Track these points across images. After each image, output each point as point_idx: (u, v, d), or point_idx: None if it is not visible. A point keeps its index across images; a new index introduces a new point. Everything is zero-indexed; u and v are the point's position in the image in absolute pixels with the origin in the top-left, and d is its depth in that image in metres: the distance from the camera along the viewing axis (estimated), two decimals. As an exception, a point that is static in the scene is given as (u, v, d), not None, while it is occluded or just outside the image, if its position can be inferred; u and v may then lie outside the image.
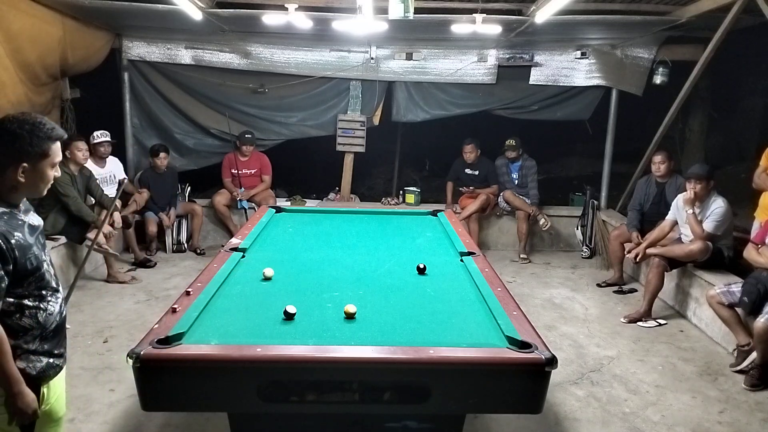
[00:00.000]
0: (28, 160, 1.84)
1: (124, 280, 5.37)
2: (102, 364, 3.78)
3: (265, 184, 6.77)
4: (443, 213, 4.61)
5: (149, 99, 6.80)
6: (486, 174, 6.71)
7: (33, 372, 1.90)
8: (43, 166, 1.88)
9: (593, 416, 3.34)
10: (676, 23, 5.46)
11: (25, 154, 1.84)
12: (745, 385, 3.70)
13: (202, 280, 2.86)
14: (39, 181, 1.91)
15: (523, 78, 6.86)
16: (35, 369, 1.90)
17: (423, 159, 9.33)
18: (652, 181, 5.46)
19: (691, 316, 4.78)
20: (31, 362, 1.90)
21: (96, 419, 3.17)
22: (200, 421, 3.09)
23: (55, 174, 1.95)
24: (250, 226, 4.09)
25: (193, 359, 2.12)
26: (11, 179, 1.84)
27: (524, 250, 6.55)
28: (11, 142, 1.82)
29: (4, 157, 1.83)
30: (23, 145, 1.83)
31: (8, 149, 1.83)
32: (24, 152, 1.83)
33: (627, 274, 5.82)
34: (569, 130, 7.92)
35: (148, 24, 6.12)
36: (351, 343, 2.28)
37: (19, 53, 4.79)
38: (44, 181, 1.92)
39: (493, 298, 2.73)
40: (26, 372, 1.88)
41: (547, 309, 5.04)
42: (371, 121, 7.04)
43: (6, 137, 1.83)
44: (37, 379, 1.91)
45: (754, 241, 4.04)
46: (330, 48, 6.71)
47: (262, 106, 6.95)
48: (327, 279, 2.95)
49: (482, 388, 2.20)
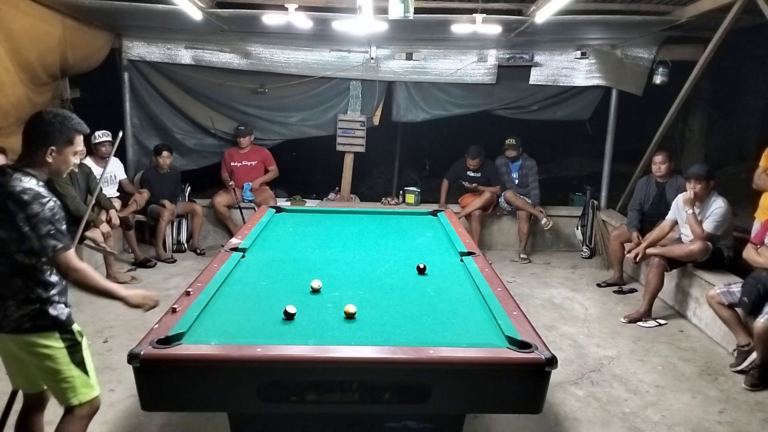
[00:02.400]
0: (55, 144, 2.26)
1: (124, 281, 5.37)
2: (102, 364, 3.78)
3: (272, 174, 6.83)
4: (443, 213, 4.61)
5: (149, 99, 6.80)
6: (488, 176, 6.71)
7: (63, 317, 2.29)
8: (66, 152, 2.30)
9: (593, 416, 3.34)
10: (676, 23, 5.46)
11: (54, 139, 2.25)
12: (745, 385, 3.70)
13: (202, 280, 2.87)
14: (62, 164, 2.30)
15: (523, 78, 6.86)
16: (64, 315, 2.30)
17: (423, 159, 9.33)
18: (652, 181, 5.46)
19: (691, 316, 4.78)
20: (61, 311, 2.28)
21: (96, 419, 3.14)
22: (200, 421, 3.08)
23: (75, 161, 2.35)
24: (250, 226, 4.09)
25: (193, 359, 2.12)
26: (41, 159, 2.25)
27: (524, 250, 6.55)
28: (45, 129, 2.25)
29: (38, 139, 2.25)
30: (53, 131, 2.25)
31: (42, 134, 2.25)
32: (53, 138, 2.25)
33: (627, 274, 5.82)
34: (569, 130, 7.92)
35: (148, 24, 6.12)
36: (351, 343, 2.28)
37: (19, 53, 4.79)
38: (66, 164, 2.32)
39: (493, 298, 2.73)
40: (59, 318, 2.26)
41: (547, 309, 5.04)
42: (371, 121, 7.04)
43: (42, 124, 2.26)
44: (67, 324, 2.30)
45: (753, 242, 4.04)
46: (330, 48, 6.71)
47: (262, 106, 6.95)
48: (327, 279, 2.95)
49: (482, 388, 2.20)
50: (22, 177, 2.18)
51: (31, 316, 2.21)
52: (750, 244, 4.05)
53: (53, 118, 2.27)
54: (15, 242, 2.15)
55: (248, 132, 6.72)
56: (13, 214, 2.12)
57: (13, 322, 2.21)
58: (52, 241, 2.15)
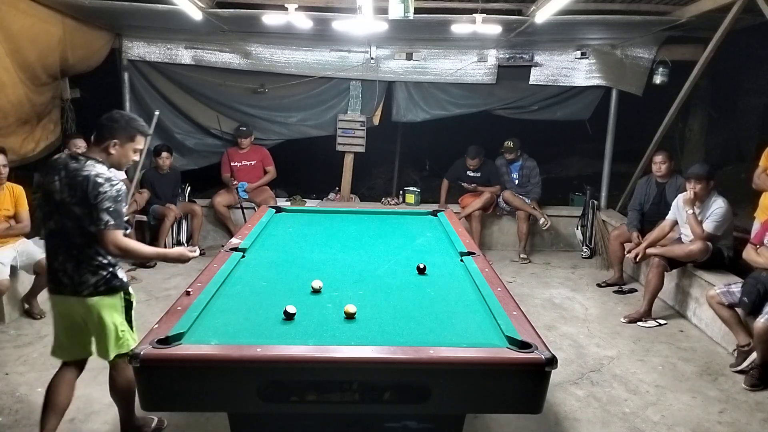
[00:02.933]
0: (119, 139, 2.67)
1: (125, 280, 5.36)
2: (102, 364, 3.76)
3: (270, 175, 6.83)
4: (443, 213, 4.60)
5: (149, 99, 6.79)
6: (488, 175, 6.71)
7: (124, 281, 2.76)
8: (127, 148, 2.71)
9: (593, 416, 3.34)
10: (676, 23, 5.46)
11: (118, 134, 2.67)
12: (745, 385, 3.70)
13: (202, 280, 2.86)
14: (122, 157, 2.71)
15: (523, 78, 6.85)
16: (124, 280, 2.76)
17: (423, 159, 9.32)
18: (653, 181, 5.46)
19: (691, 316, 4.78)
20: (123, 275, 2.75)
21: (96, 419, 3.17)
22: (200, 421, 3.09)
23: (134, 158, 2.76)
24: (250, 226, 4.08)
25: (193, 359, 2.12)
26: (106, 150, 2.67)
27: (524, 250, 6.55)
28: (112, 124, 2.68)
29: (106, 132, 2.67)
30: (119, 128, 2.68)
31: (109, 128, 2.67)
32: (118, 133, 2.67)
33: (627, 274, 5.82)
34: (569, 130, 7.91)
35: (148, 24, 6.12)
36: (351, 343, 2.28)
37: (19, 53, 4.79)
38: (126, 158, 2.73)
39: (493, 298, 2.73)
40: (124, 282, 2.75)
41: (547, 309, 5.04)
42: (371, 121, 7.04)
43: (110, 120, 2.69)
44: (127, 286, 2.78)
45: (752, 242, 4.04)
46: (330, 48, 6.71)
47: (262, 106, 6.95)
48: (327, 279, 2.94)
49: (482, 388, 2.20)
50: (95, 163, 2.61)
51: (105, 280, 2.67)
52: (749, 245, 4.05)
53: (121, 117, 2.73)
54: (88, 217, 2.55)
55: (249, 133, 6.73)
56: (87, 193, 2.53)
57: (91, 286, 2.64)
58: (107, 217, 2.54)
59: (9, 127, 4.96)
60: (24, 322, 4.42)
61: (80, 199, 2.54)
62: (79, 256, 2.62)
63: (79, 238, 2.60)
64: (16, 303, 4.50)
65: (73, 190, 2.56)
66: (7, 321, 4.36)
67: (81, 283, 2.62)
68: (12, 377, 3.59)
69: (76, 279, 2.63)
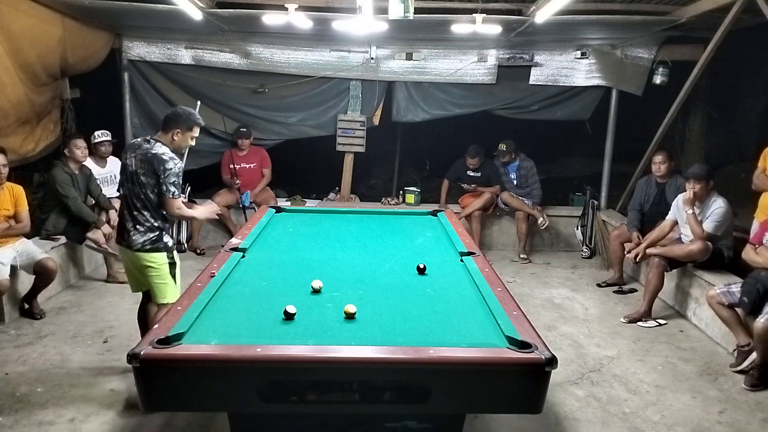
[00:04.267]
0: (180, 128, 3.31)
1: (124, 280, 5.34)
2: (102, 364, 3.79)
3: (266, 179, 6.81)
4: (443, 213, 4.61)
5: (149, 99, 6.79)
6: (489, 175, 6.71)
7: (171, 244, 3.40)
8: (186, 136, 3.34)
9: (593, 416, 3.34)
10: (676, 23, 5.45)
11: (180, 124, 3.31)
12: (745, 385, 3.70)
13: (202, 280, 2.87)
14: (182, 142, 3.36)
15: (523, 78, 6.85)
16: (171, 243, 3.41)
17: (423, 159, 9.32)
18: (653, 181, 5.46)
19: (691, 316, 4.78)
20: (168, 240, 3.38)
21: (96, 419, 3.17)
22: (201, 421, 3.08)
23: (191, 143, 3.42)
24: (250, 226, 4.09)
25: (193, 359, 2.12)
26: (170, 137, 3.31)
27: (524, 250, 6.55)
28: (176, 117, 3.32)
29: (171, 123, 3.31)
30: (180, 119, 3.32)
31: (173, 120, 3.32)
32: (180, 123, 3.32)
33: (627, 274, 5.82)
34: (569, 130, 7.91)
35: (148, 24, 6.12)
36: (351, 343, 2.28)
37: (19, 53, 4.79)
38: (186, 143, 3.38)
39: (493, 298, 2.73)
40: (168, 244, 3.36)
41: (547, 309, 5.04)
42: (371, 121, 7.03)
43: (175, 114, 3.35)
44: (171, 248, 3.40)
45: (751, 242, 4.04)
46: (330, 48, 6.71)
47: (262, 106, 6.94)
48: (327, 279, 2.95)
49: (482, 388, 2.20)
50: (162, 145, 3.28)
51: (152, 240, 3.29)
52: (749, 245, 4.05)
53: (183, 111, 3.36)
54: (151, 185, 3.21)
55: (249, 134, 6.70)
56: (155, 167, 3.19)
57: (139, 244, 3.27)
58: (173, 188, 3.21)
59: (9, 127, 4.96)
60: (24, 322, 4.42)
61: (147, 171, 3.21)
62: (137, 217, 3.26)
63: (139, 202, 3.25)
64: (16, 303, 4.51)
65: (144, 164, 3.23)
66: (7, 321, 4.36)
67: (132, 240, 3.27)
68: (12, 377, 3.59)
69: (130, 236, 3.28)
